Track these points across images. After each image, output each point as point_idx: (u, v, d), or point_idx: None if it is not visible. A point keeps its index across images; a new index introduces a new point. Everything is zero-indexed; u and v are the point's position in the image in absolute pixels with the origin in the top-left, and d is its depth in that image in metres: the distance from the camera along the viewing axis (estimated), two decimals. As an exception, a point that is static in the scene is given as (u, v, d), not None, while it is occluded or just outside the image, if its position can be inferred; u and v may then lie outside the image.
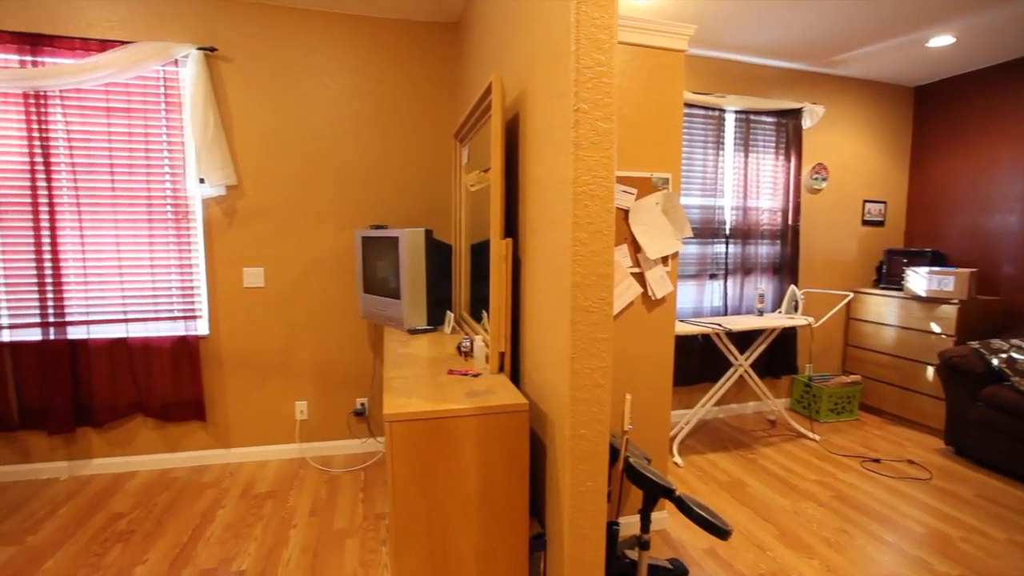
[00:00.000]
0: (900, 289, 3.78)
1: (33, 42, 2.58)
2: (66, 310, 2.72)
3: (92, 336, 2.75)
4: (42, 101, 2.62)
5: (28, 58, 2.58)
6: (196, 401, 2.88)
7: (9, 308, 2.68)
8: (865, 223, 4.11)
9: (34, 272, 2.68)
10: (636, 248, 2.23)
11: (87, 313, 2.76)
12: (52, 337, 2.70)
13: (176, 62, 2.73)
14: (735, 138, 3.64)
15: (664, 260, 2.26)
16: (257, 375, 2.99)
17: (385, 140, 3.02)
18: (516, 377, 1.86)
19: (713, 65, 3.54)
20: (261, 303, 2.95)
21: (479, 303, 2.26)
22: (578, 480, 1.39)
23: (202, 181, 2.72)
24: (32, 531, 2.32)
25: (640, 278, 2.23)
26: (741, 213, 3.69)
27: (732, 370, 3.37)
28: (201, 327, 2.89)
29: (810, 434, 3.44)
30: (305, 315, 3.01)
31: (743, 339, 3.71)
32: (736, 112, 3.60)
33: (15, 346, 2.69)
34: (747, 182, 3.68)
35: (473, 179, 2.16)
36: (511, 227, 1.87)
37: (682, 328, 2.99)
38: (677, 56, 2.18)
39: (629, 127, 2.16)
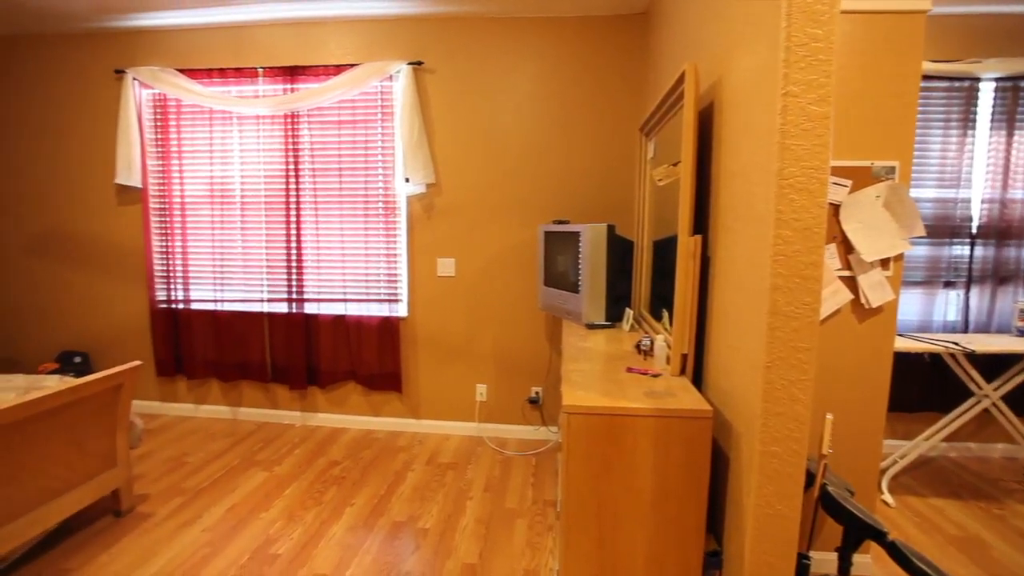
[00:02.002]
0: None
1: (292, 73, 3.18)
2: (304, 289, 3.32)
3: (321, 312, 3.32)
4: (296, 120, 3.21)
5: (288, 86, 3.19)
6: (395, 374, 3.29)
7: (269, 285, 3.36)
8: None
9: (284, 257, 3.31)
10: (847, 248, 1.94)
11: (318, 293, 3.32)
12: (294, 311, 3.31)
13: (390, 77, 3.12)
14: (994, 113, 2.94)
15: (884, 263, 1.93)
16: (445, 356, 3.30)
17: (569, 137, 3.08)
18: (698, 381, 1.76)
19: (964, 24, 2.90)
20: (451, 291, 3.24)
21: (660, 301, 2.19)
22: (764, 501, 1.27)
23: (407, 180, 3.08)
24: (278, 463, 2.89)
25: (850, 283, 1.94)
26: (996, 207, 2.97)
27: (973, 401, 2.75)
28: (401, 310, 3.29)
29: (1091, 494, 2.65)
30: (489, 304, 3.23)
31: (990, 364, 2.99)
32: (997, 80, 2.90)
33: (271, 316, 3.37)
34: (1009, 169, 2.95)
35: (661, 173, 2.09)
36: (700, 223, 1.77)
37: (904, 344, 2.53)
38: (915, 19, 1.83)
39: (845, 108, 1.88)
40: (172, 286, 3.45)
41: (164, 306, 3.46)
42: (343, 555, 2.10)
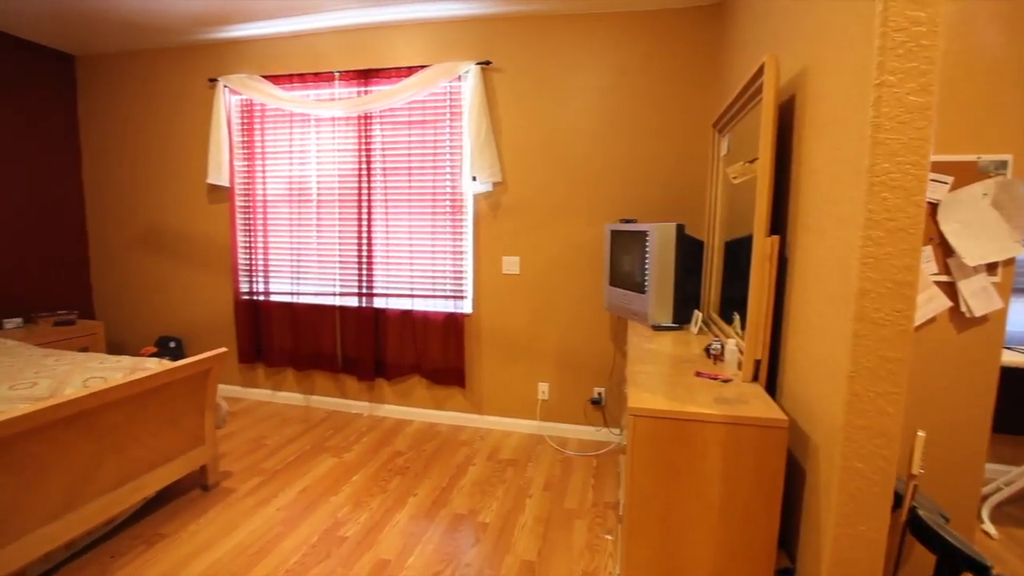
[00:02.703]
0: None
1: (366, 76, 3.30)
2: (373, 284, 3.44)
3: (389, 307, 3.43)
4: (368, 120, 3.33)
5: (362, 88, 3.32)
6: (459, 370, 3.35)
7: (341, 279, 3.51)
8: None
9: (355, 253, 3.45)
10: (946, 251, 1.78)
11: (387, 288, 3.44)
12: (364, 305, 3.44)
13: (459, 77, 3.17)
14: None
15: (990, 268, 1.75)
16: (508, 353, 3.32)
17: (637, 134, 3.01)
18: (771, 389, 1.67)
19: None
20: (515, 288, 3.26)
21: (731, 304, 2.10)
22: (845, 521, 1.19)
23: (474, 179, 3.12)
24: (346, 449, 3.02)
25: (949, 289, 1.78)
26: None
27: (1094, 423, 2.45)
28: (466, 306, 3.34)
29: None
30: (553, 302, 3.22)
31: (1117, 383, 2.65)
32: None
33: (342, 309, 3.53)
34: None
35: (736, 171, 2.00)
36: (777, 223, 1.68)
37: (1014, 358, 2.29)
38: (1035, -1, 1.65)
39: (945, 97, 1.72)
40: (254, 279, 3.68)
41: (246, 298, 3.70)
42: (406, 543, 2.17)
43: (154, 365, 2.35)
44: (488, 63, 3.12)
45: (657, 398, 1.46)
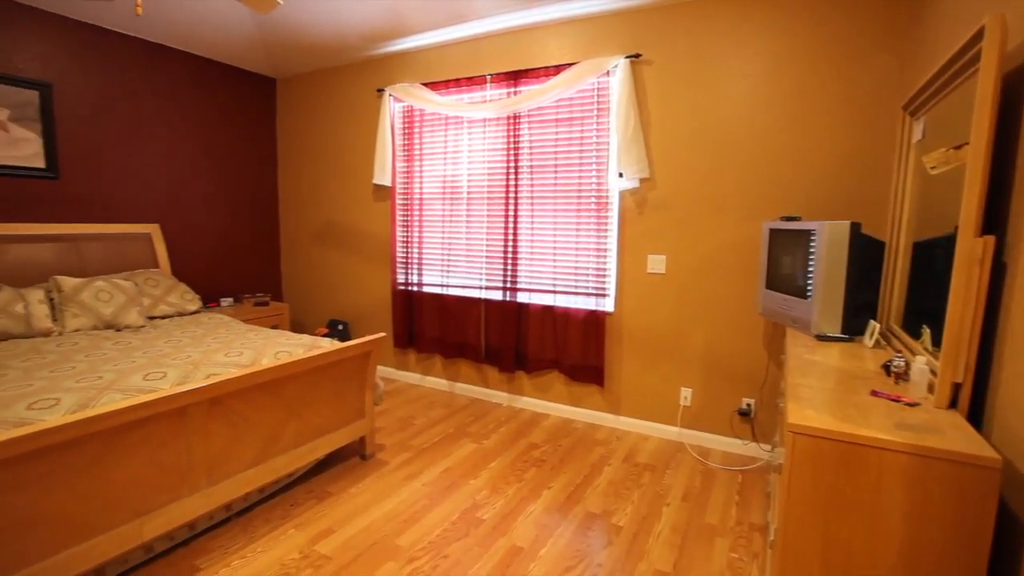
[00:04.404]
0: None
1: (515, 77, 3.40)
2: (517, 279, 3.55)
3: (531, 302, 3.51)
4: (517, 120, 3.43)
5: (512, 89, 3.43)
6: (598, 368, 3.32)
7: (487, 273, 3.68)
8: None
9: (501, 249, 3.59)
10: None
11: (530, 283, 3.52)
12: (507, 299, 3.57)
13: (607, 73, 3.12)
14: None
15: None
16: (650, 355, 3.21)
17: (801, 123, 2.70)
18: (975, 419, 1.40)
19: None
20: (660, 288, 3.14)
21: (919, 315, 1.80)
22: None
23: (620, 175, 3.06)
24: (485, 437, 3.16)
25: None
26: None
27: None
28: (608, 304, 3.29)
29: None
30: (700, 304, 3.04)
31: None
32: None
33: (487, 302, 3.69)
34: None
35: (935, 159, 1.70)
36: (991, 221, 1.40)
37: None
38: None
39: None
40: (409, 270, 4.01)
41: (402, 288, 4.05)
42: (539, 534, 2.21)
43: (327, 344, 2.67)
44: (638, 56, 3.03)
45: (822, 416, 1.30)
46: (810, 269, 2.19)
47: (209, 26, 3.73)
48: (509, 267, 3.55)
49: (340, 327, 4.45)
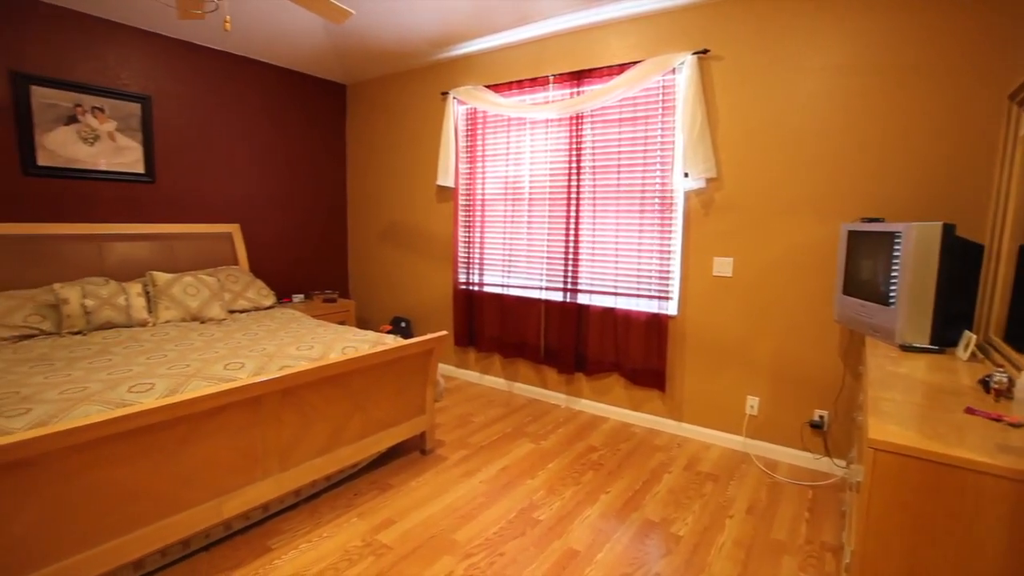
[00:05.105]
0: None
1: (578, 77, 3.38)
2: (578, 280, 3.52)
3: (592, 303, 3.48)
4: (580, 120, 3.41)
5: (575, 89, 3.41)
6: (659, 372, 3.24)
7: (547, 274, 3.68)
8: None
9: (562, 249, 3.57)
10: None
11: (591, 284, 3.49)
12: (568, 300, 3.55)
13: (673, 70, 3.03)
14: None
15: None
16: (714, 361, 3.10)
17: (883, 118, 2.51)
18: (1089, 445, 1.25)
19: None
20: (726, 292, 3.02)
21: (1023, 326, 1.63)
22: None
23: (686, 175, 2.97)
24: (543, 437, 3.16)
25: None
26: None
27: None
28: (671, 308, 3.20)
29: None
30: (769, 310, 2.90)
31: None
32: None
33: (547, 303, 3.69)
34: None
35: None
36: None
37: None
38: None
39: None
40: (470, 270, 4.07)
41: (463, 287, 4.11)
42: (595, 538, 2.18)
43: (391, 341, 2.76)
44: (705, 52, 2.92)
45: (908, 433, 1.20)
46: (894, 274, 2.04)
47: (287, 37, 3.95)
48: (570, 268, 3.53)
49: (403, 324, 4.58)
